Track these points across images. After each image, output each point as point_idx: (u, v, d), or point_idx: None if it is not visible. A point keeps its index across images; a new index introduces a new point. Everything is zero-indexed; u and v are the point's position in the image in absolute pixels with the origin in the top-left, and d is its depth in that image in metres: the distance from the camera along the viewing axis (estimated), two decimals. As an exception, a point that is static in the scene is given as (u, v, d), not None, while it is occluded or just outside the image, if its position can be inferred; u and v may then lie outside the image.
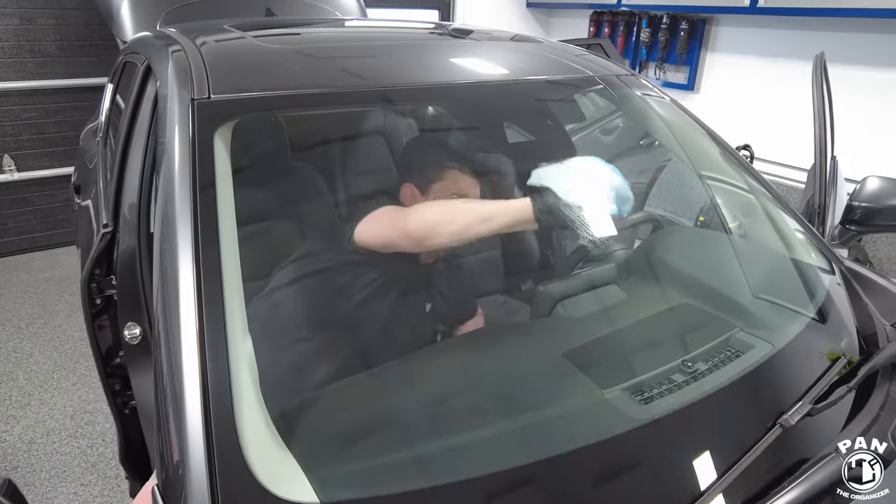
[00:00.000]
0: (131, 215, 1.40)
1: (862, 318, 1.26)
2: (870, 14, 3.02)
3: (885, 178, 1.72)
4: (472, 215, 1.10)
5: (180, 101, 1.08)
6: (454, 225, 1.09)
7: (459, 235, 1.10)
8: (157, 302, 0.89)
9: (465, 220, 1.09)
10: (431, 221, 1.11)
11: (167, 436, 0.78)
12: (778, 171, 3.61)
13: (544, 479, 0.83)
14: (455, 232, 1.09)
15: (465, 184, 1.29)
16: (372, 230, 1.16)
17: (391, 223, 1.15)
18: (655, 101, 1.66)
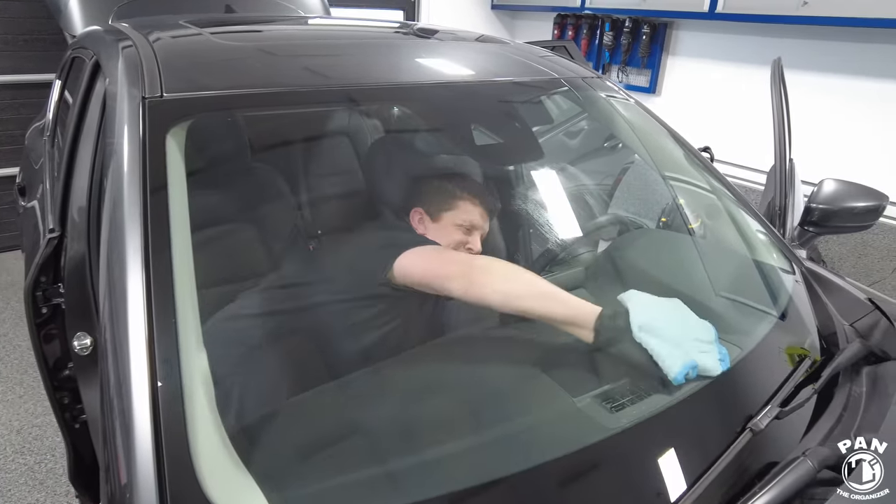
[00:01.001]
0: (80, 219, 1.32)
1: (822, 319, 1.28)
2: (823, 22, 3.13)
3: (840, 180, 1.76)
4: (535, 290, 1.04)
5: (130, 100, 1.02)
6: (517, 300, 1.03)
7: (511, 305, 1.04)
8: (104, 311, 0.83)
9: (528, 296, 1.03)
10: (497, 287, 1.04)
11: (114, 454, 0.73)
12: (737, 172, 3.70)
13: (515, 492, 0.81)
14: (513, 305, 1.04)
15: (475, 215, 1.29)
16: (425, 266, 1.11)
17: (451, 266, 1.09)
18: (620, 103, 1.66)
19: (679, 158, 1.62)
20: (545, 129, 2.13)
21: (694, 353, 0.96)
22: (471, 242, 1.28)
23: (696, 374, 0.95)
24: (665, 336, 0.96)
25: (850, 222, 1.72)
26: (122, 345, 0.78)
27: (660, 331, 0.96)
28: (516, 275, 1.07)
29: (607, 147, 2.35)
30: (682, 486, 0.84)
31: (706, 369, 0.96)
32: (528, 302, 1.02)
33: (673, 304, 1.03)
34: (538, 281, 1.07)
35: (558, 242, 1.56)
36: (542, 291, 1.03)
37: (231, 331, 1.07)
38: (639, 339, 0.95)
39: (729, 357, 1.00)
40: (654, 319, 0.97)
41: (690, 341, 0.97)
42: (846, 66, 3.27)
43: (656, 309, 1.00)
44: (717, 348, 0.99)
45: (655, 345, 0.95)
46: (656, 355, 0.94)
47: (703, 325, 1.01)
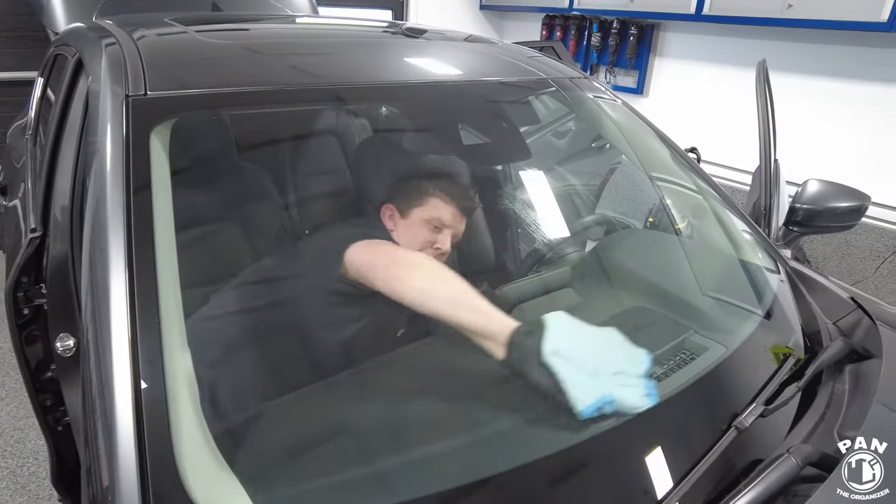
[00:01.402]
0: (63, 219, 1.31)
1: (806, 317, 1.30)
2: (807, 25, 3.17)
3: (824, 181, 1.78)
4: (453, 295, 0.97)
5: (113, 98, 1.00)
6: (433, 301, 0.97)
7: (426, 306, 0.97)
8: (87, 311, 0.82)
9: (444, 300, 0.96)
10: (416, 284, 1.00)
11: (95, 456, 0.72)
12: (723, 173, 3.73)
13: (501, 492, 0.81)
14: (428, 306, 0.97)
15: (445, 213, 1.25)
16: (360, 258, 1.08)
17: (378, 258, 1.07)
18: (607, 104, 1.67)
19: (666, 159, 1.63)
20: (533, 129, 2.13)
21: (613, 387, 0.86)
22: (439, 242, 1.25)
23: (613, 410, 0.85)
24: (580, 364, 0.85)
25: (833, 222, 1.74)
26: (104, 345, 0.77)
27: (576, 358, 0.86)
28: (439, 276, 1.01)
29: (594, 147, 2.36)
30: (669, 484, 0.84)
31: (626, 405, 0.86)
32: (443, 305, 0.96)
33: (603, 333, 0.93)
34: (460, 287, 0.98)
35: (545, 242, 1.56)
36: (460, 297, 0.96)
37: (213, 330, 1.06)
38: (549, 364, 0.85)
39: (657, 392, 0.89)
40: (571, 345, 0.87)
41: (612, 374, 0.87)
42: (829, 69, 3.32)
43: (579, 334, 0.91)
44: (644, 383, 0.88)
45: (566, 372, 0.85)
46: (564, 383, 0.84)
47: (635, 356, 0.91)
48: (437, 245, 1.24)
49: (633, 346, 0.92)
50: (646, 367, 0.90)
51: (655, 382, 0.90)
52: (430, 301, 0.96)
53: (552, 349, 0.85)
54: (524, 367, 0.86)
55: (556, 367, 0.84)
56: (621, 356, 0.90)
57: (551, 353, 0.85)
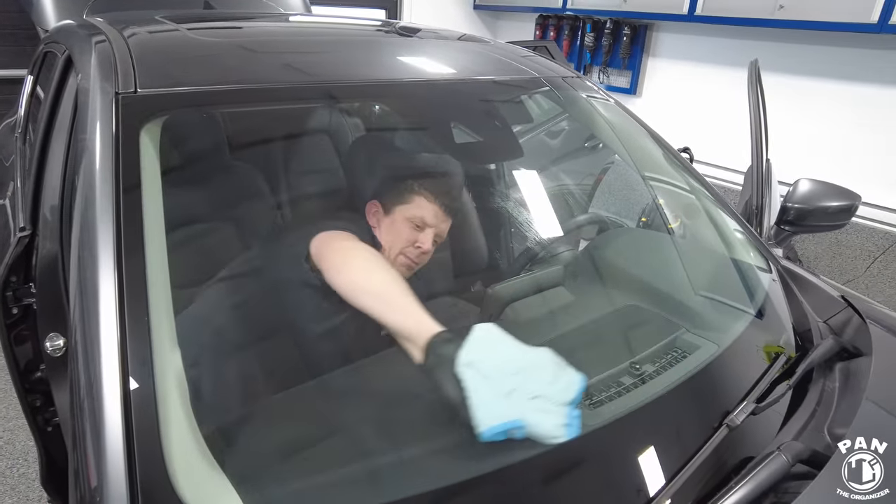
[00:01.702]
0: (52, 218, 1.30)
1: (797, 316, 1.31)
2: (798, 26, 3.18)
3: (815, 180, 1.80)
4: (382, 292, 0.94)
5: (103, 95, 1.00)
6: (361, 295, 0.95)
7: (355, 300, 0.96)
8: (75, 311, 0.82)
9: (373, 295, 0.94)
10: (349, 276, 0.99)
11: (83, 457, 0.71)
12: (715, 173, 3.75)
13: (492, 491, 0.81)
14: (357, 300, 0.95)
15: (428, 212, 1.24)
16: (315, 247, 1.07)
17: (325, 247, 1.05)
18: (600, 104, 1.67)
19: (658, 158, 1.63)
20: (526, 128, 2.13)
21: (527, 412, 0.79)
22: (420, 240, 1.23)
23: (522, 436, 0.79)
24: (495, 381, 0.79)
25: (824, 221, 1.76)
26: (92, 345, 0.76)
27: (492, 374, 0.80)
28: (374, 271, 0.98)
29: (587, 147, 2.37)
30: (660, 482, 0.84)
31: (538, 433, 0.79)
32: (370, 301, 0.93)
33: (533, 353, 0.85)
34: (393, 285, 0.94)
35: (538, 241, 1.56)
36: (389, 295, 0.93)
37: (201, 329, 1.05)
38: (460, 375, 0.79)
39: (580, 422, 0.82)
40: (491, 359, 0.81)
41: (530, 397, 0.79)
42: (820, 69, 3.34)
43: (503, 350, 0.84)
44: (566, 411, 0.81)
45: (476, 387, 0.79)
46: (472, 399, 0.78)
47: (564, 382, 0.82)
48: (418, 243, 1.23)
49: (566, 370, 0.84)
50: (572, 396, 0.81)
51: (580, 413, 0.82)
52: (360, 295, 0.94)
53: (467, 360, 0.80)
54: (436, 375, 0.82)
55: (467, 380, 0.79)
56: (547, 379, 0.82)
57: (465, 365, 0.80)
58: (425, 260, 1.27)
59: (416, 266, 1.25)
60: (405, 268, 1.24)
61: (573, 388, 0.82)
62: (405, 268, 1.24)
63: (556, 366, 0.84)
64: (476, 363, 0.80)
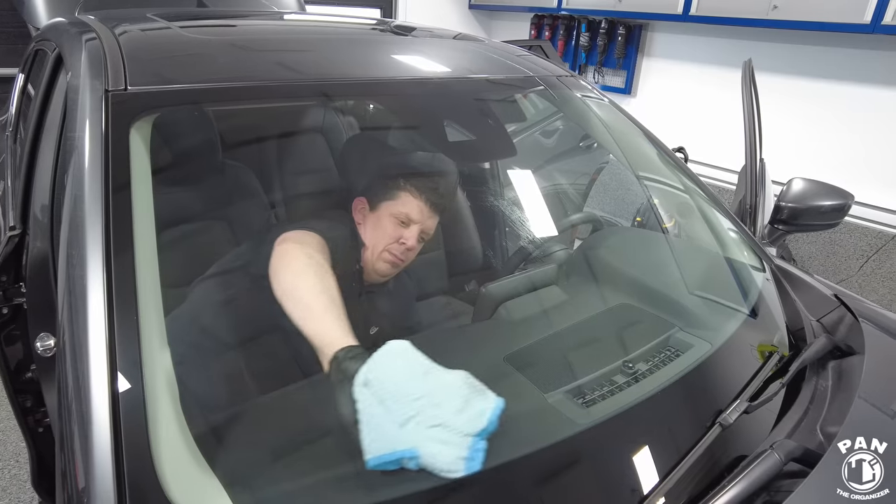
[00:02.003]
0: (43, 217, 1.29)
1: (790, 315, 1.31)
2: (792, 26, 3.19)
3: (808, 179, 1.80)
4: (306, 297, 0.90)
5: (92, 93, 0.99)
6: (285, 297, 0.91)
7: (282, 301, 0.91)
8: (63, 311, 0.81)
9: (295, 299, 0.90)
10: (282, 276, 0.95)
11: (71, 458, 0.71)
12: (710, 172, 3.76)
13: (486, 488, 0.80)
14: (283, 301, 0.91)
15: (413, 208, 1.22)
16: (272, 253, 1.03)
17: (277, 244, 1.01)
18: (595, 103, 1.67)
19: (653, 158, 1.63)
20: (520, 127, 2.13)
21: (424, 441, 0.73)
22: (405, 237, 1.21)
23: (415, 466, 0.74)
24: (393, 405, 0.74)
25: (817, 220, 1.76)
26: (81, 346, 0.75)
27: (390, 397, 0.74)
28: (303, 275, 0.93)
29: (582, 146, 2.37)
30: (653, 481, 0.84)
31: (433, 465, 0.73)
32: (291, 306, 0.89)
33: (446, 377, 0.79)
34: (318, 292, 0.90)
35: (532, 240, 1.56)
36: (310, 302, 0.89)
37: (191, 328, 1.04)
38: (356, 395, 0.75)
39: (482, 457, 0.75)
40: (393, 381, 0.75)
41: (430, 425, 0.73)
42: (814, 69, 3.35)
43: (410, 371, 0.78)
44: (469, 444, 0.74)
45: (370, 409, 0.74)
46: (363, 422, 0.74)
47: (477, 411, 0.76)
48: (402, 240, 1.21)
49: (481, 397, 0.78)
50: (480, 426, 0.75)
51: (486, 445, 0.76)
52: (286, 300, 0.91)
53: (365, 380, 0.75)
54: (336, 391, 0.78)
55: (361, 401, 0.75)
56: (455, 407, 0.75)
57: (362, 384, 0.75)
58: (410, 257, 1.25)
59: (402, 263, 1.24)
60: (389, 265, 1.22)
61: (483, 417, 0.75)
62: (389, 265, 1.22)
63: (470, 392, 0.78)
64: (375, 383, 0.75)
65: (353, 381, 0.76)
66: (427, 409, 0.74)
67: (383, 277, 1.25)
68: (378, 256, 1.21)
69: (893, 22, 2.80)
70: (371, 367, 0.77)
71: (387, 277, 1.26)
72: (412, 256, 1.26)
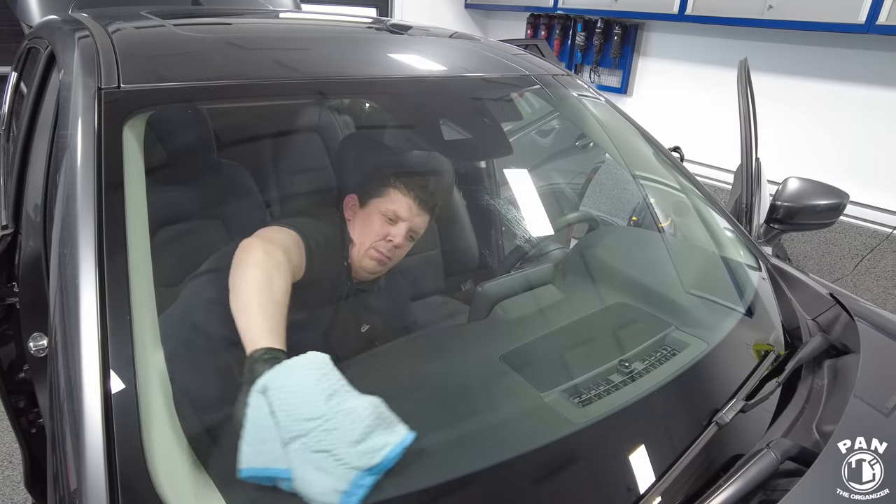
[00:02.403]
0: (36, 216, 1.28)
1: (786, 313, 1.31)
2: (787, 26, 3.20)
3: (804, 179, 1.80)
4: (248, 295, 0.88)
5: (85, 91, 0.98)
6: (232, 292, 0.89)
7: (231, 296, 0.89)
8: (55, 311, 0.80)
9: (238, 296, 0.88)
10: (236, 272, 0.92)
11: (63, 458, 0.70)
12: (706, 172, 3.76)
13: (483, 488, 0.80)
14: (231, 296, 0.89)
15: (401, 206, 1.21)
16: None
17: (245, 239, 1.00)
18: (591, 102, 1.67)
19: (649, 157, 1.63)
20: (517, 126, 2.12)
21: (302, 464, 0.69)
22: (392, 234, 1.20)
23: (288, 488, 0.70)
24: (283, 418, 0.70)
25: (812, 219, 1.76)
26: (73, 346, 0.75)
27: (284, 409, 0.70)
28: (256, 269, 0.91)
29: (578, 145, 2.37)
30: (650, 480, 0.84)
31: (307, 492, 0.69)
32: (233, 297, 0.88)
33: (353, 401, 0.74)
34: (260, 289, 0.88)
35: (529, 239, 1.56)
36: (248, 299, 0.86)
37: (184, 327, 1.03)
38: (250, 400, 0.73)
39: (364, 496, 0.70)
40: (293, 394, 0.71)
41: (316, 450, 0.69)
42: (809, 69, 3.36)
43: (317, 388, 0.73)
44: (354, 477, 0.69)
45: (258, 419, 0.71)
46: (247, 430, 0.71)
47: (376, 446, 0.71)
48: (389, 237, 1.21)
49: (387, 431, 0.73)
50: (374, 462, 0.70)
51: (372, 483, 0.71)
52: (230, 291, 0.89)
53: (264, 387, 0.72)
54: (243, 392, 0.75)
55: (253, 407, 0.72)
56: (352, 437, 0.70)
57: (260, 390, 0.72)
58: (398, 255, 1.24)
59: (389, 262, 1.23)
60: (376, 262, 1.21)
61: (379, 453, 0.70)
62: (376, 262, 1.21)
63: (376, 423, 0.73)
64: (273, 393, 0.71)
65: (252, 385, 0.73)
66: (317, 433, 0.70)
67: (371, 275, 1.24)
68: (365, 253, 1.21)
69: (887, 22, 2.81)
70: (274, 375, 0.73)
71: (375, 275, 1.25)
72: (400, 255, 1.25)
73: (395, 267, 1.28)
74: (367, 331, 1.23)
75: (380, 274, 1.25)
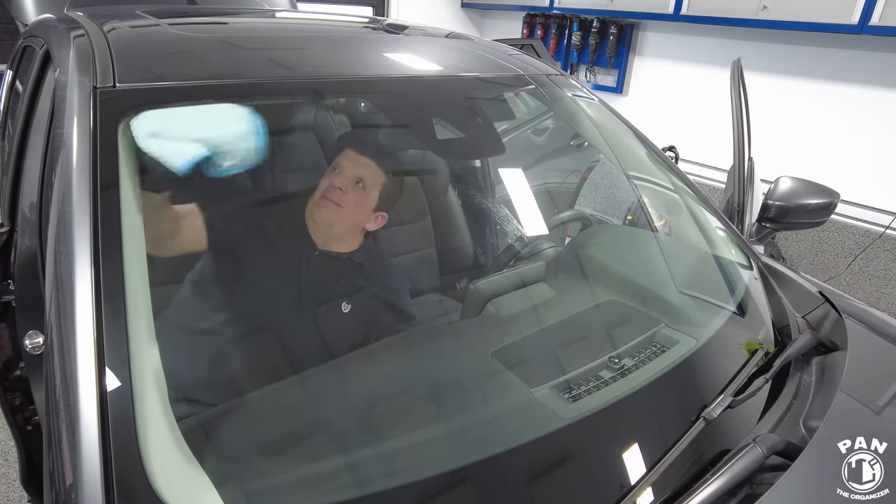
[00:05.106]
0: (31, 214, 1.28)
1: (776, 311, 1.32)
2: (781, 26, 3.22)
3: (796, 178, 1.82)
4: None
5: (80, 90, 0.98)
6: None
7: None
8: (51, 309, 0.81)
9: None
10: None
11: (59, 455, 0.71)
12: (700, 171, 3.78)
13: (473, 482, 0.81)
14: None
15: (344, 157, 1.28)
16: None
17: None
18: (585, 102, 1.68)
19: (642, 157, 1.65)
20: (511, 126, 2.13)
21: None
22: (336, 181, 1.27)
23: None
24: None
25: (804, 219, 1.78)
26: (68, 344, 0.75)
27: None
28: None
29: (573, 145, 2.38)
30: (638, 474, 0.85)
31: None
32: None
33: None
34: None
35: (522, 238, 1.57)
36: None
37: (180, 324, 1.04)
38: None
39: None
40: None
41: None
42: (802, 69, 3.38)
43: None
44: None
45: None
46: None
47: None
48: (334, 183, 1.26)
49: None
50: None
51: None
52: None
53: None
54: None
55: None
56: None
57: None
58: (350, 202, 1.26)
59: (340, 208, 1.25)
60: (326, 210, 1.25)
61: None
62: (326, 210, 1.25)
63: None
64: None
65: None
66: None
67: (326, 227, 1.27)
68: (316, 203, 1.25)
69: (880, 23, 2.83)
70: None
71: (328, 225, 1.27)
72: (351, 202, 1.26)
73: (371, 243, 1.30)
74: (349, 311, 1.24)
75: (332, 224, 1.28)
